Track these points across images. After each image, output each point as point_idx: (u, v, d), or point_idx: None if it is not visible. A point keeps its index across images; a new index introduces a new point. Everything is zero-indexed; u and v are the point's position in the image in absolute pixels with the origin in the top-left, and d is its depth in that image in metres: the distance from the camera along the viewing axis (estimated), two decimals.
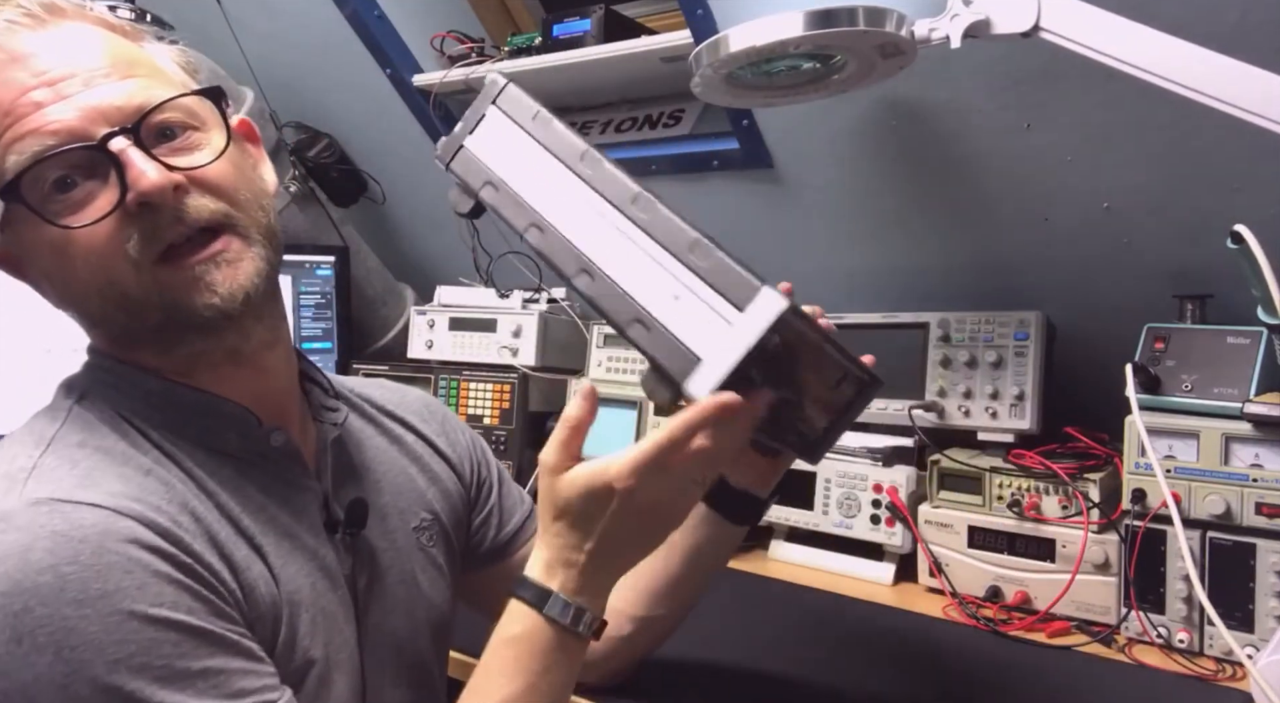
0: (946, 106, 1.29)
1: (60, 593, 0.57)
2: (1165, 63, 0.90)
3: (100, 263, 0.67)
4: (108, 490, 0.63)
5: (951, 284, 1.47)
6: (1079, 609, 1.16)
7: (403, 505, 0.87)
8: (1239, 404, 1.05)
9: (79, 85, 0.66)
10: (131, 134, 0.66)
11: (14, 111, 0.65)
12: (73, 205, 0.66)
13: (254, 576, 0.69)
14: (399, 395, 0.98)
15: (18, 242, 0.70)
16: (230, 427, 0.73)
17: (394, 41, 1.74)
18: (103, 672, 0.57)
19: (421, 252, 2.06)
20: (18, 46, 0.66)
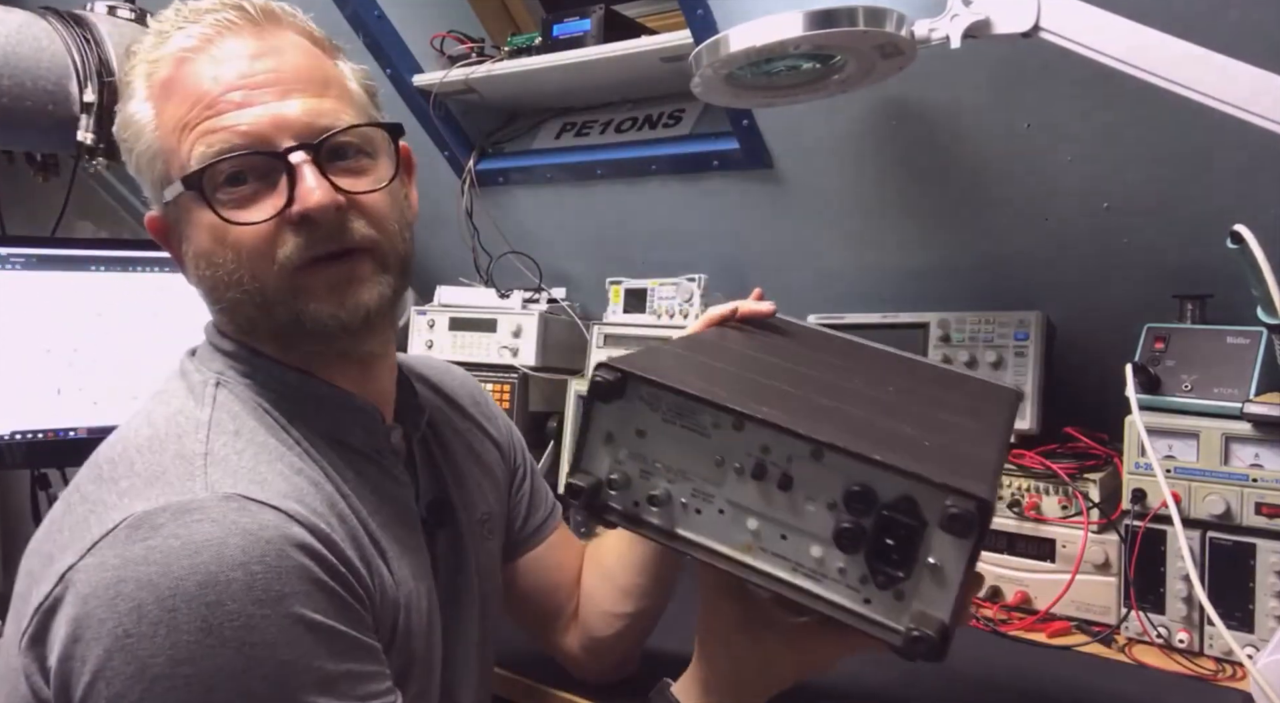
0: (946, 106, 1.29)
1: (249, 591, 0.60)
2: (1165, 63, 0.90)
3: (249, 259, 0.70)
4: (277, 490, 0.66)
5: (951, 284, 1.47)
6: (1079, 609, 1.16)
7: (469, 500, 0.90)
8: (1239, 404, 1.05)
9: (277, 94, 0.71)
10: (312, 150, 0.71)
11: (214, 105, 0.69)
12: (240, 201, 0.70)
13: (382, 577, 0.72)
14: (449, 377, 1.00)
15: (180, 217, 0.73)
16: (358, 422, 0.76)
17: (394, 41, 1.74)
18: (273, 669, 0.61)
19: (421, 252, 2.04)
20: (230, 45, 0.71)
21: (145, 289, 1.64)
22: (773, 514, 0.62)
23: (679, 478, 0.65)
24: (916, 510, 0.57)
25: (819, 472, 0.60)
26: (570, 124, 1.79)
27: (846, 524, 0.59)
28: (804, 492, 0.61)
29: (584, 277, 1.82)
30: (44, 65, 1.41)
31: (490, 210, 1.84)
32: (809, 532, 0.61)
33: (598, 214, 1.77)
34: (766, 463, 0.62)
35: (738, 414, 0.62)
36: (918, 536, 0.57)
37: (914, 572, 0.58)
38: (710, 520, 0.64)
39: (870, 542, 0.59)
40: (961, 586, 0.56)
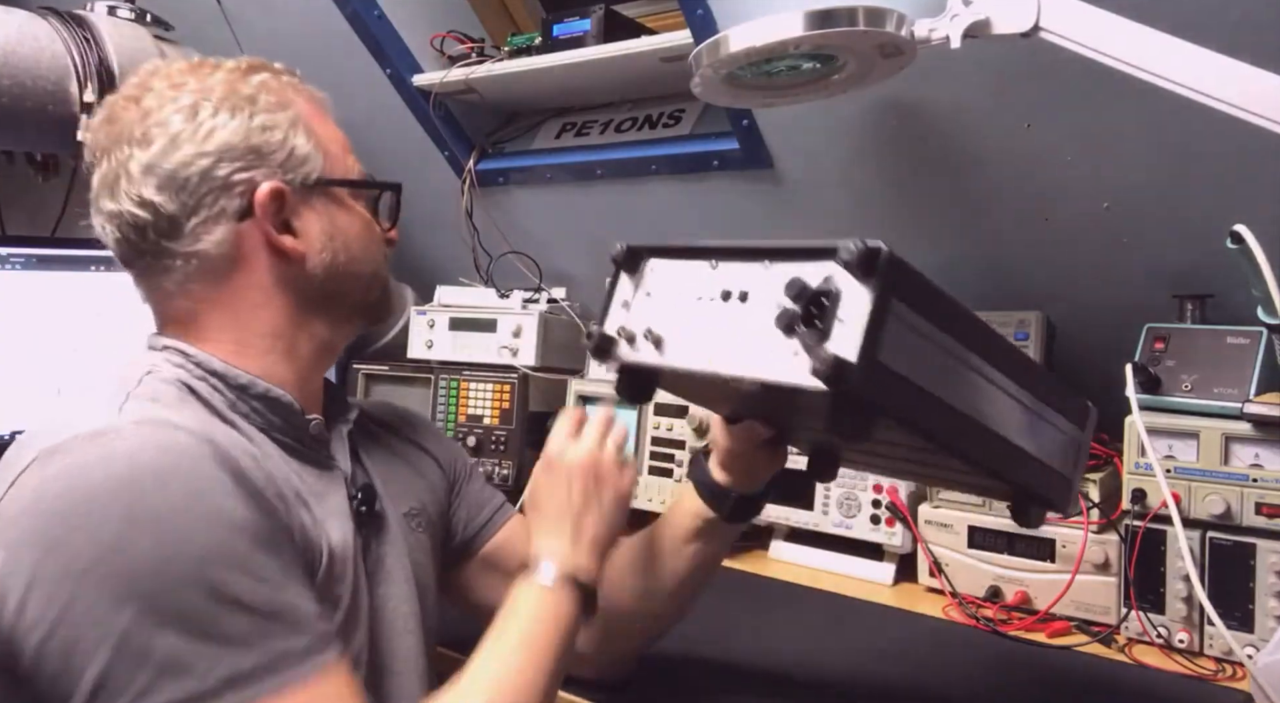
0: (946, 106, 1.29)
1: (165, 488, 0.65)
2: (1165, 63, 0.90)
3: (378, 248, 0.92)
4: (192, 423, 0.72)
5: (951, 284, 1.44)
6: (1079, 609, 1.16)
7: (394, 493, 0.95)
8: (1239, 404, 1.05)
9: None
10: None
11: (345, 148, 0.94)
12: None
13: (302, 517, 0.77)
14: (383, 407, 1.08)
15: (327, 202, 0.88)
16: (278, 411, 0.82)
17: (394, 41, 1.74)
18: (194, 559, 0.64)
19: (421, 252, 2.06)
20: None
21: None
22: (734, 324, 0.74)
23: (671, 321, 0.80)
24: (832, 282, 0.68)
25: (768, 278, 0.73)
26: (570, 124, 1.79)
27: (786, 308, 0.69)
28: (757, 299, 0.73)
29: (584, 277, 1.82)
30: (44, 65, 1.41)
31: (490, 210, 1.84)
32: (758, 329, 0.71)
33: (598, 214, 1.77)
34: (730, 288, 0.75)
35: (711, 251, 0.78)
36: (834, 299, 0.68)
37: (828, 328, 0.67)
38: (690, 344, 0.78)
39: (799, 317, 0.68)
40: (866, 328, 0.65)
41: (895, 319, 0.68)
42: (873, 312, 0.66)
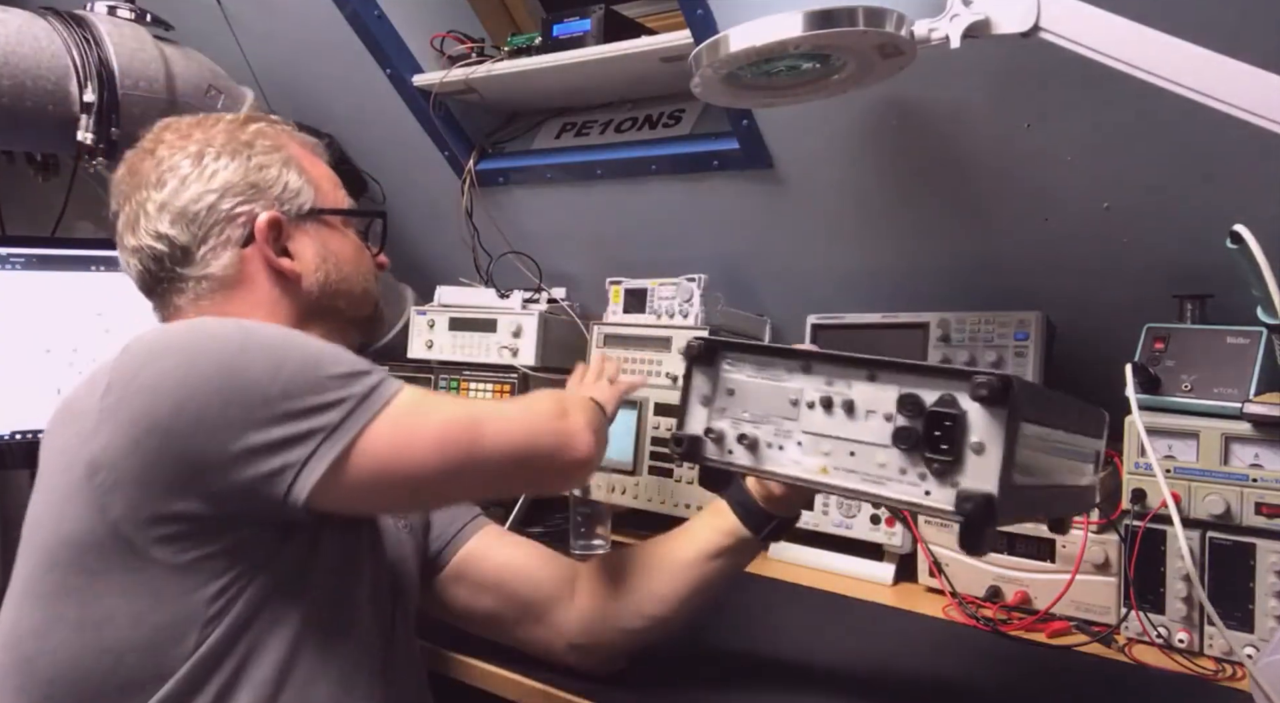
0: (946, 106, 1.29)
1: (267, 329, 0.85)
2: (1165, 63, 0.90)
3: (369, 269, 1.05)
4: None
5: (951, 284, 1.47)
6: (1079, 609, 1.16)
7: None
8: (1239, 404, 1.05)
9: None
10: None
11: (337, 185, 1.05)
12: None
13: None
14: None
15: (318, 228, 1.00)
16: None
17: (394, 41, 1.74)
18: (299, 367, 0.79)
19: (421, 252, 2.06)
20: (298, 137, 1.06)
21: None
22: (841, 435, 0.76)
23: (762, 422, 0.81)
24: (955, 403, 0.70)
25: (874, 391, 0.75)
26: (570, 124, 1.79)
27: (901, 425, 0.72)
28: (864, 410, 0.75)
29: (584, 277, 1.83)
30: (44, 65, 1.42)
31: (490, 210, 1.84)
32: (872, 443, 0.74)
33: (598, 214, 1.77)
34: (832, 394, 0.77)
35: (804, 355, 0.79)
36: (960, 423, 0.69)
37: (959, 454, 0.69)
38: (791, 452, 0.79)
39: (922, 438, 0.71)
40: (1004, 457, 0.67)
41: (1020, 441, 0.70)
42: (1007, 441, 0.68)
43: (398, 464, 0.80)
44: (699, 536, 0.98)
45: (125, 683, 0.77)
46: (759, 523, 0.95)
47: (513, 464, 0.85)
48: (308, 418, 0.77)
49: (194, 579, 0.77)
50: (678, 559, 0.98)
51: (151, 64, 1.52)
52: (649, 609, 0.98)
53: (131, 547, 0.77)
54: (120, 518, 0.76)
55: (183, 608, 0.77)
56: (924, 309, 1.39)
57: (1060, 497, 0.84)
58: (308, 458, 0.76)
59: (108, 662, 0.77)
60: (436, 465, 0.81)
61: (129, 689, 0.77)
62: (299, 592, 0.83)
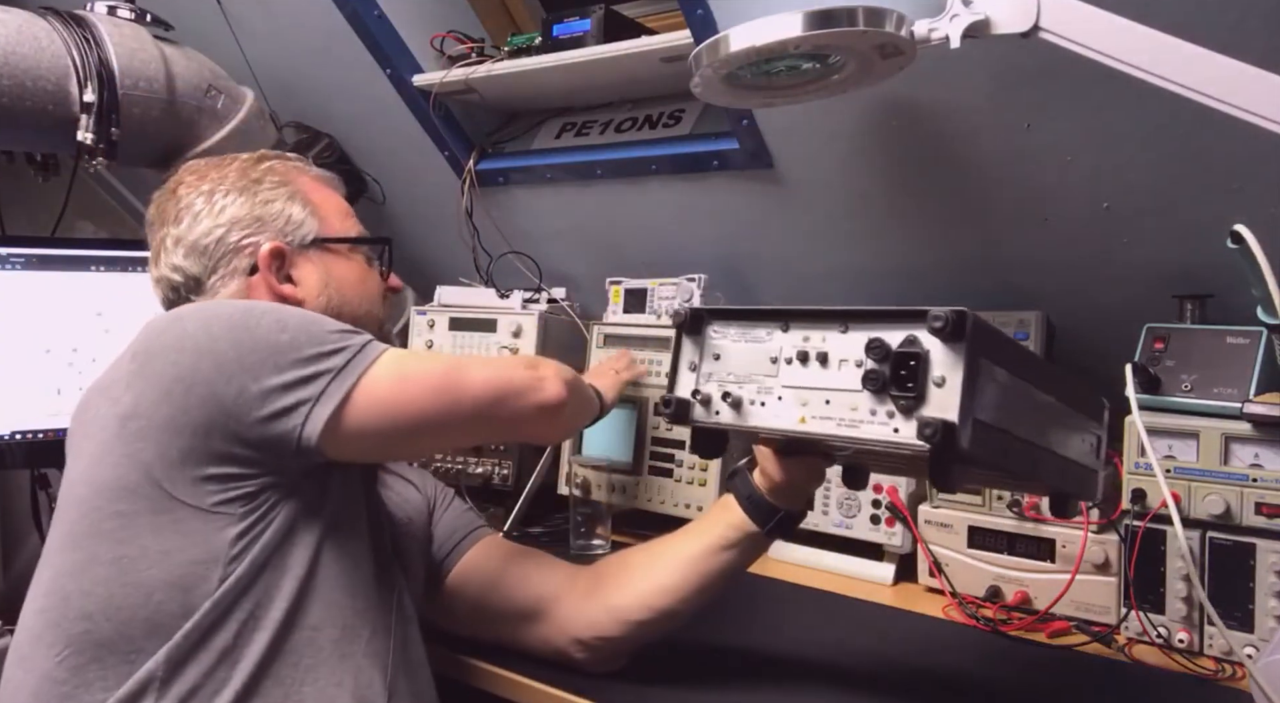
0: (946, 106, 1.29)
1: (269, 303, 0.96)
2: (1165, 63, 0.90)
3: (374, 294, 1.12)
4: None
5: (951, 284, 1.47)
6: (1079, 609, 1.16)
7: (395, 499, 1.11)
8: (1239, 404, 1.05)
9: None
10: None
11: (348, 213, 1.13)
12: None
13: None
14: None
15: (321, 257, 1.07)
16: None
17: (394, 41, 1.74)
18: (301, 325, 0.89)
19: (421, 252, 2.06)
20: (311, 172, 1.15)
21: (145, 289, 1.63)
22: (817, 385, 0.80)
23: (746, 382, 0.85)
24: (918, 342, 0.74)
25: (846, 341, 0.78)
26: (570, 124, 1.79)
27: (870, 369, 0.75)
28: (837, 360, 0.79)
29: (584, 277, 1.83)
30: (44, 65, 1.41)
31: (490, 210, 1.84)
32: (845, 389, 0.78)
33: (598, 214, 1.77)
34: (808, 349, 0.81)
35: (782, 313, 0.83)
36: (923, 361, 0.73)
37: (923, 391, 0.72)
38: (772, 407, 0.83)
39: (889, 379, 0.74)
40: (963, 388, 0.71)
41: (983, 376, 0.73)
42: (967, 373, 0.72)
43: (397, 404, 0.89)
44: (706, 530, 1.00)
45: (153, 616, 0.83)
46: (765, 516, 0.97)
47: (490, 403, 0.93)
48: (315, 362, 0.86)
49: (218, 522, 0.84)
50: (684, 553, 1.00)
51: (151, 64, 1.52)
52: (655, 601, 0.99)
53: (162, 488, 0.84)
54: (152, 461, 0.84)
55: (208, 548, 0.84)
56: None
57: (1048, 462, 0.86)
58: (320, 395, 0.85)
59: (138, 597, 0.83)
60: (431, 404, 0.90)
61: (158, 624, 0.83)
62: (308, 541, 0.89)
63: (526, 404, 0.94)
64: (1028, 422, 0.81)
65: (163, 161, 1.56)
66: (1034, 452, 0.83)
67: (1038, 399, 0.84)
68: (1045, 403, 0.85)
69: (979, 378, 0.72)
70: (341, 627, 0.90)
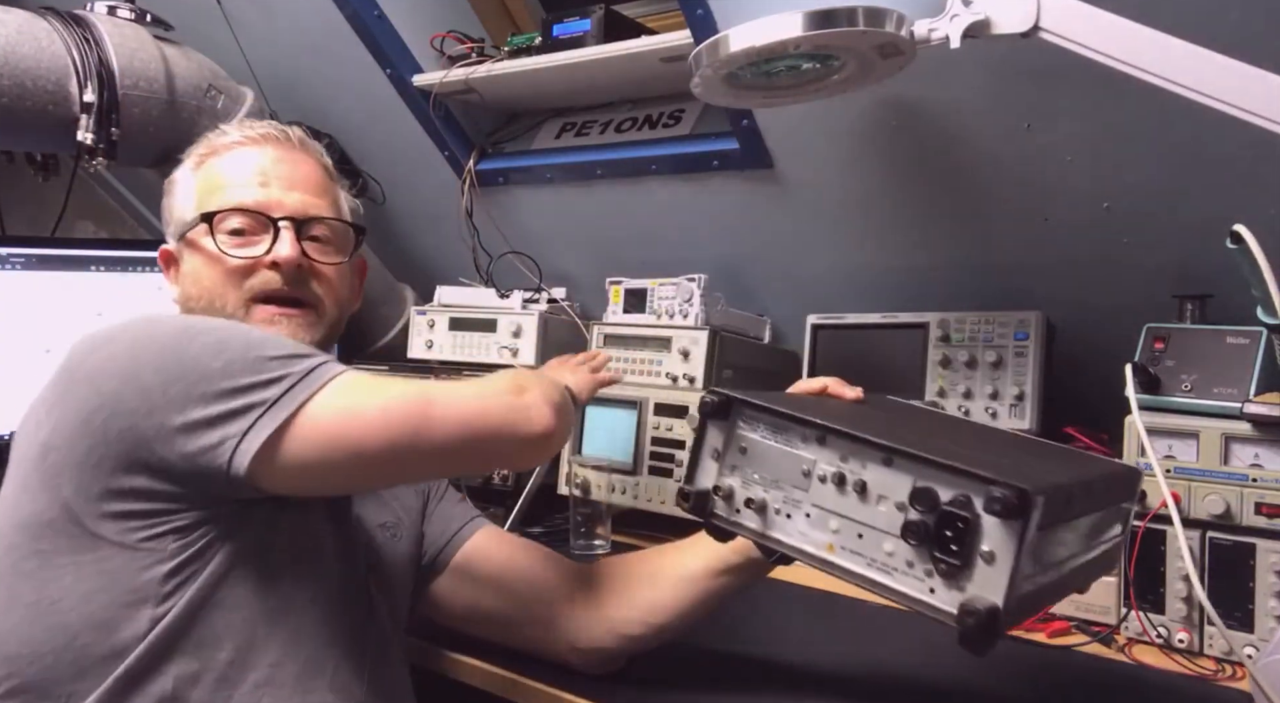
0: (946, 107, 1.29)
1: (209, 320, 0.90)
2: (1165, 63, 0.90)
3: (226, 282, 0.97)
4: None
5: (951, 284, 1.47)
6: (1079, 609, 1.16)
7: (370, 508, 1.04)
8: (1239, 404, 1.05)
9: (285, 186, 0.99)
10: (295, 225, 0.98)
11: (244, 180, 0.98)
12: (235, 244, 0.97)
13: None
14: None
15: (185, 250, 0.99)
16: None
17: (394, 41, 1.74)
18: (240, 350, 0.81)
19: (421, 252, 2.06)
20: (268, 150, 1.01)
21: (145, 289, 1.64)
22: (851, 516, 0.73)
23: (772, 487, 0.78)
24: (970, 506, 0.66)
25: (889, 476, 0.71)
26: (570, 124, 1.79)
27: (913, 518, 0.68)
28: (876, 494, 0.71)
29: (584, 277, 1.83)
30: (44, 65, 1.42)
31: (490, 210, 1.84)
32: (881, 529, 0.71)
33: (598, 214, 1.77)
34: (845, 472, 0.73)
35: (821, 427, 0.75)
36: (973, 527, 0.66)
37: (969, 560, 0.66)
38: (798, 523, 0.76)
39: (932, 535, 0.67)
40: (1012, 571, 0.63)
41: (1034, 546, 0.66)
42: (1018, 555, 0.64)
43: (341, 439, 0.78)
44: (708, 549, 0.96)
45: (79, 660, 0.77)
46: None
47: (463, 442, 0.82)
48: (247, 394, 0.78)
49: (145, 559, 0.78)
50: (684, 572, 0.98)
51: (151, 64, 1.52)
52: (651, 618, 0.98)
53: (82, 526, 0.78)
54: (72, 496, 0.78)
55: (134, 587, 0.78)
56: (924, 309, 1.39)
57: (1081, 573, 0.81)
58: (246, 430, 0.76)
59: (61, 640, 0.77)
60: (382, 441, 0.79)
61: (84, 667, 0.77)
62: (258, 576, 0.83)
63: (509, 440, 0.84)
64: (1070, 551, 0.76)
65: (163, 161, 1.56)
66: (1068, 576, 0.77)
67: (1082, 528, 0.78)
68: (1087, 526, 0.79)
69: (1032, 552, 0.65)
70: (304, 660, 0.85)
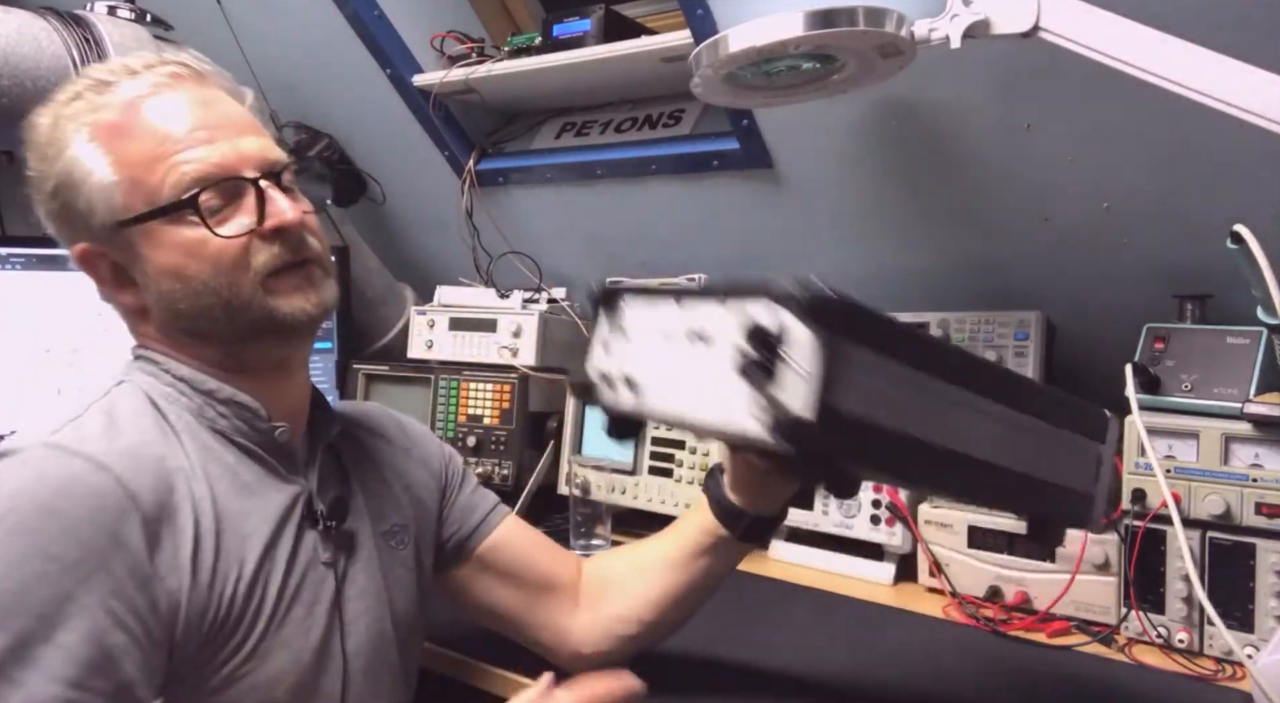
0: (946, 106, 1.29)
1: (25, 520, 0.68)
2: (1165, 63, 0.90)
3: (227, 266, 0.80)
4: (105, 448, 0.74)
5: (951, 284, 1.47)
6: (1079, 609, 1.16)
7: (376, 509, 0.95)
8: (1239, 404, 1.05)
9: (233, 133, 0.82)
10: (274, 178, 0.83)
11: (184, 140, 0.80)
12: (212, 217, 0.80)
13: (204, 551, 0.77)
14: (369, 414, 1.07)
15: (136, 242, 0.81)
16: (241, 415, 0.84)
17: (394, 41, 1.74)
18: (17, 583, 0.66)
19: (421, 252, 2.06)
20: (182, 94, 0.82)
21: None
22: (698, 368, 0.70)
23: (642, 361, 0.77)
24: (782, 325, 0.64)
25: (724, 317, 0.68)
26: (570, 124, 1.79)
27: (742, 351, 0.65)
28: (717, 339, 0.69)
29: (584, 277, 1.82)
30: (44, 65, 1.41)
31: (490, 210, 1.84)
32: (721, 373, 0.67)
33: (598, 214, 1.77)
34: (694, 327, 0.71)
35: (677, 290, 0.75)
36: (785, 345, 0.63)
37: (784, 378, 0.63)
38: (663, 390, 0.75)
39: (759, 366, 0.64)
40: (822, 378, 0.61)
41: (851, 363, 0.63)
42: (824, 360, 0.61)
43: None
44: (684, 533, 0.98)
45: None
46: (733, 520, 0.93)
47: None
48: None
49: None
50: (666, 559, 0.98)
51: None
52: (644, 615, 0.99)
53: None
54: None
55: None
56: (924, 309, 1.39)
57: (1007, 482, 0.76)
58: None
59: None
60: None
61: None
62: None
63: None
64: (939, 423, 0.71)
65: None
66: (949, 459, 0.72)
67: (965, 400, 0.73)
68: (982, 407, 0.75)
69: (841, 365, 0.62)
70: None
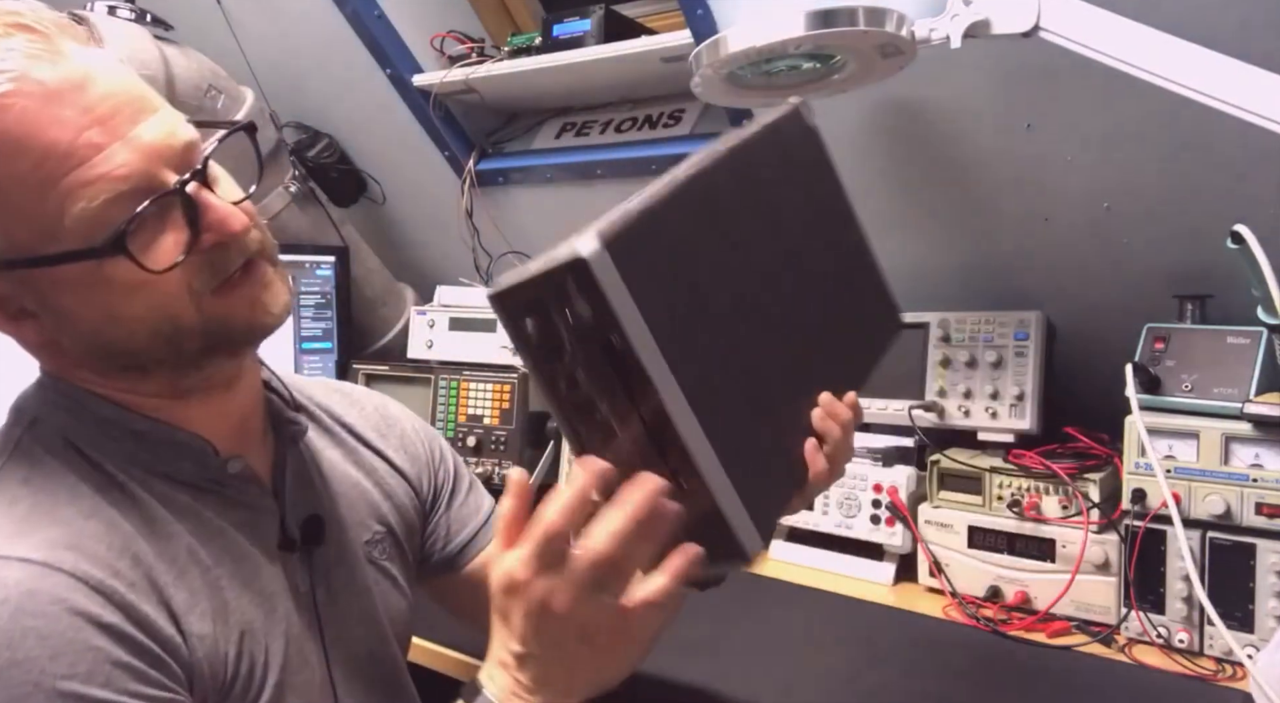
0: (946, 106, 1.29)
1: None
2: (1165, 63, 0.90)
3: (165, 299, 0.66)
4: (44, 538, 0.62)
5: (951, 284, 1.47)
6: (1079, 609, 1.16)
7: (355, 519, 0.87)
8: (1239, 404, 1.05)
9: (129, 120, 0.64)
10: (199, 176, 0.67)
11: (74, 154, 0.61)
12: (140, 247, 0.64)
13: (198, 615, 0.68)
14: (356, 407, 0.96)
15: (38, 287, 0.66)
16: (185, 456, 0.72)
17: (394, 41, 1.74)
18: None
19: (421, 252, 2.06)
20: (47, 78, 0.62)
21: None
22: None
23: None
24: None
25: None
26: (570, 124, 1.79)
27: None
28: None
29: None
30: None
31: (490, 210, 1.84)
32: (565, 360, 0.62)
33: (598, 214, 1.76)
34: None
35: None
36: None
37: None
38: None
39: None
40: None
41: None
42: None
43: None
44: None
45: None
46: None
47: None
48: None
49: None
50: None
51: (151, 64, 1.52)
52: None
53: None
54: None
55: None
56: (924, 309, 1.39)
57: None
58: None
59: None
60: None
61: None
62: None
63: None
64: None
65: None
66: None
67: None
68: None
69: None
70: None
